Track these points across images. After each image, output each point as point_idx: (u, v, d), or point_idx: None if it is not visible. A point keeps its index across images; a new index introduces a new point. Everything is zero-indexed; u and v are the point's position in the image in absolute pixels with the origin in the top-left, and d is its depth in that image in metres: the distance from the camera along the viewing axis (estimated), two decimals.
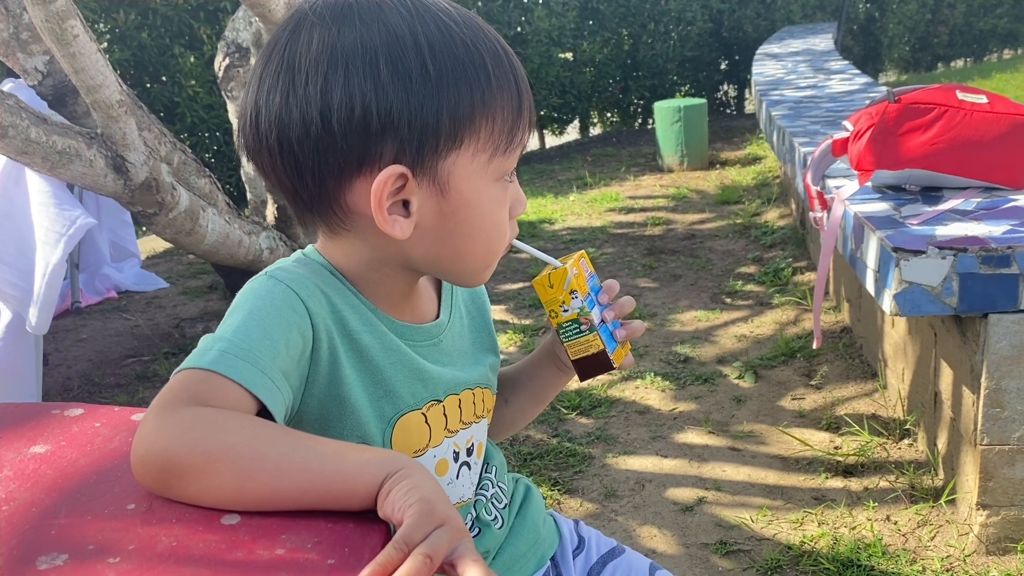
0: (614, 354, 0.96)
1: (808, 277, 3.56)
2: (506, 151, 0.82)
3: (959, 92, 2.02)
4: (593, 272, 0.97)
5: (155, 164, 2.74)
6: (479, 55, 0.78)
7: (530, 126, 0.85)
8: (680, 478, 2.25)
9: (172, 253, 5.15)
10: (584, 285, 0.94)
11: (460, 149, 0.79)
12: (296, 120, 0.76)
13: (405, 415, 0.86)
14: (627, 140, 7.65)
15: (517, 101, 0.82)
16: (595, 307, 0.95)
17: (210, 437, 0.65)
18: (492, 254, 0.86)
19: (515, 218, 0.88)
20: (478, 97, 0.78)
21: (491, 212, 0.83)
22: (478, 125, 0.79)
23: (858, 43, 9.57)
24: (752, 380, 2.76)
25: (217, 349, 0.72)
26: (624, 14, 7.85)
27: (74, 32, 2.27)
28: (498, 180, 0.83)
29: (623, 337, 0.98)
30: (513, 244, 0.90)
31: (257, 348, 0.73)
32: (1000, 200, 1.98)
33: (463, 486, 0.94)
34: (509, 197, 0.85)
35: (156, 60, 5.27)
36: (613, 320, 0.97)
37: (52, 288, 2.60)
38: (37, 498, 0.68)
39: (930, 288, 1.71)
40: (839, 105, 3.62)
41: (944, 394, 2.01)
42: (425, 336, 0.90)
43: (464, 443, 0.94)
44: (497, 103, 0.80)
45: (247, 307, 0.77)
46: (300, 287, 0.80)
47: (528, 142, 0.87)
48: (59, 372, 3.35)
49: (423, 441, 0.88)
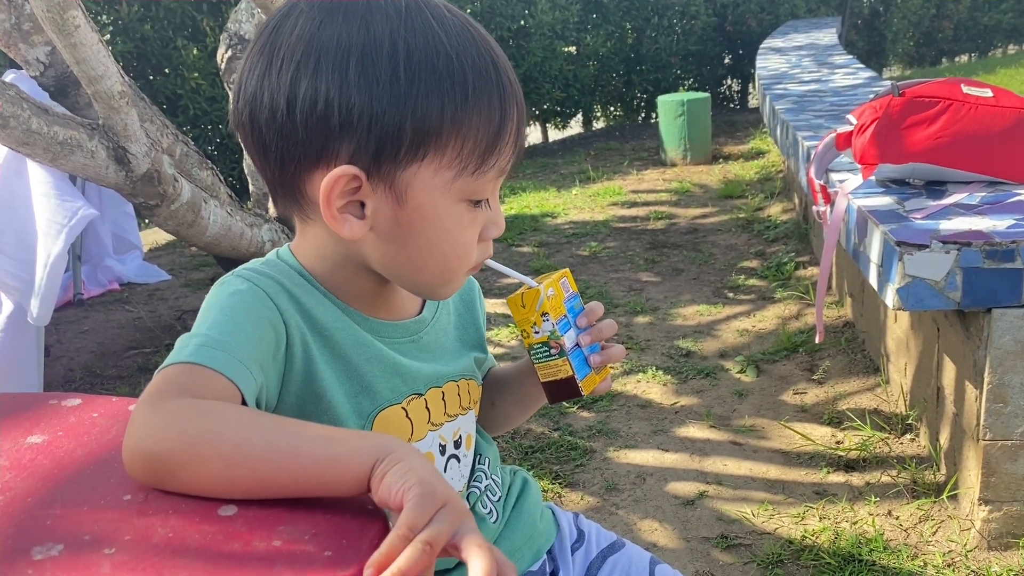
0: (584, 380, 0.92)
1: (811, 272, 3.56)
2: (475, 173, 0.79)
3: (964, 86, 2.01)
4: (576, 292, 0.94)
5: (157, 156, 2.73)
6: (460, 70, 0.76)
7: (513, 152, 0.82)
8: (681, 472, 2.25)
9: (174, 245, 5.15)
10: (559, 307, 0.91)
11: (422, 162, 0.77)
12: (265, 103, 0.77)
13: (384, 410, 0.85)
14: (630, 134, 7.63)
15: (497, 124, 0.78)
16: (570, 330, 0.91)
17: (198, 427, 0.65)
18: (449, 272, 0.83)
19: (488, 240, 0.85)
20: (448, 113, 0.76)
21: (451, 231, 0.80)
22: (445, 141, 0.76)
23: (862, 38, 9.53)
24: (754, 374, 2.75)
25: (195, 344, 0.73)
26: (628, 8, 7.82)
27: (75, 22, 2.26)
28: (463, 200, 0.80)
29: (598, 363, 0.94)
30: (486, 264, 0.88)
31: (232, 340, 0.74)
32: (1005, 194, 1.97)
33: (452, 479, 0.93)
34: (480, 219, 0.82)
35: (159, 52, 5.26)
36: (591, 344, 0.93)
37: (53, 279, 2.60)
38: (33, 488, 0.67)
39: (933, 282, 1.70)
40: (843, 99, 3.61)
41: (946, 389, 2.00)
42: (402, 333, 0.89)
43: (451, 436, 0.93)
44: (470, 122, 0.77)
45: (218, 304, 0.78)
46: (266, 285, 0.81)
47: (507, 167, 0.83)
48: (61, 364, 3.35)
49: (404, 436, 0.87)
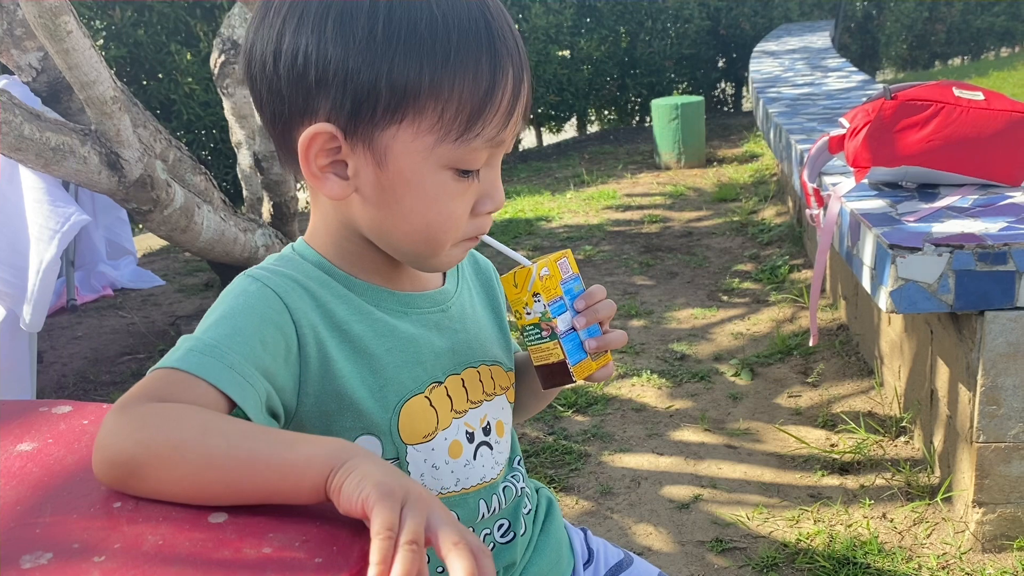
0: (577, 366, 0.88)
1: (805, 274, 3.56)
2: (458, 141, 0.76)
3: (956, 89, 2.01)
4: (576, 274, 0.90)
5: (150, 161, 2.73)
6: (444, 31, 0.73)
7: (506, 122, 0.78)
8: (676, 476, 2.25)
9: (168, 250, 5.14)
10: (554, 288, 0.87)
11: (400, 124, 0.75)
12: (257, 56, 0.77)
13: (409, 400, 0.84)
14: (624, 138, 7.64)
15: (484, 90, 0.75)
16: (564, 313, 0.88)
17: (159, 434, 0.65)
18: (435, 242, 0.81)
19: (483, 214, 0.82)
20: (427, 74, 0.73)
21: (435, 199, 0.78)
22: (423, 104, 0.74)
23: (855, 41, 9.57)
24: (748, 378, 2.75)
25: (184, 348, 0.73)
26: (622, 11, 7.84)
27: (67, 28, 2.26)
28: (447, 168, 0.77)
29: (594, 348, 0.89)
30: (482, 239, 0.86)
31: (226, 344, 0.73)
32: (997, 197, 1.98)
33: (484, 467, 0.91)
34: (472, 191, 0.80)
35: (152, 57, 5.25)
36: (588, 328, 0.89)
37: (46, 286, 2.59)
38: (22, 496, 0.67)
39: (926, 285, 1.70)
40: (836, 102, 3.62)
41: (940, 391, 2.01)
42: (430, 303, 0.89)
43: (478, 423, 0.91)
44: (451, 86, 0.74)
45: (222, 307, 0.78)
46: (278, 285, 0.79)
47: (507, 139, 0.80)
48: (54, 370, 3.34)
49: (431, 425, 0.86)
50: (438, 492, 0.87)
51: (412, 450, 0.85)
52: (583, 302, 0.89)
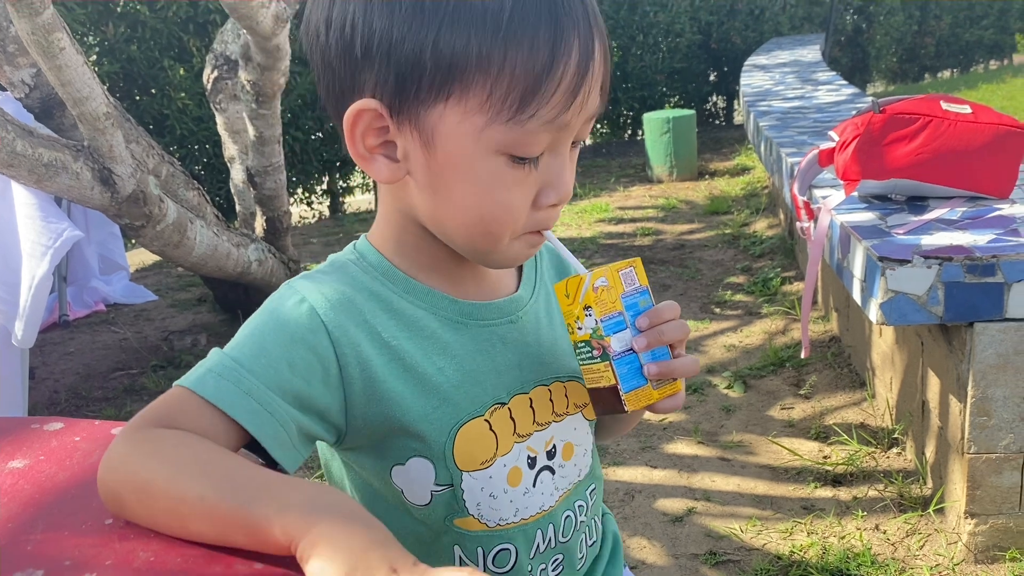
0: (632, 393, 0.74)
1: (797, 287, 3.57)
2: (510, 122, 0.68)
3: (943, 102, 2.03)
4: (644, 287, 0.76)
5: (142, 176, 2.73)
6: (516, 6, 0.66)
7: (568, 101, 0.68)
8: (670, 488, 2.25)
9: (161, 265, 5.14)
10: (612, 301, 0.74)
11: (447, 102, 0.68)
12: (312, 27, 0.73)
13: (466, 424, 0.78)
14: (617, 151, 7.67)
15: (542, 65, 0.67)
16: (623, 331, 0.75)
17: (144, 468, 0.64)
18: (491, 236, 0.73)
19: (546, 207, 0.74)
20: (475, 47, 0.66)
21: (489, 189, 0.71)
22: (471, 80, 0.67)
23: (846, 54, 9.64)
24: (741, 390, 2.76)
25: (206, 366, 0.70)
26: (613, 26, 7.89)
27: (60, 45, 2.27)
28: (501, 153, 0.70)
29: (654, 374, 0.74)
30: (545, 236, 0.76)
31: (248, 366, 0.70)
32: (985, 209, 1.99)
33: (544, 494, 0.83)
34: (533, 179, 0.72)
35: (145, 73, 5.26)
36: (648, 350, 0.75)
37: (38, 302, 2.59)
38: (14, 513, 0.67)
39: (916, 297, 1.71)
40: (826, 116, 3.64)
41: (931, 403, 2.01)
42: (497, 313, 0.80)
43: (542, 447, 0.83)
44: (501, 60, 0.66)
45: (255, 321, 0.74)
46: (318, 299, 0.74)
47: (574, 122, 0.71)
48: (46, 386, 3.33)
49: (490, 451, 0.79)
50: (495, 524, 0.81)
51: (468, 477, 0.78)
52: (647, 320, 0.75)
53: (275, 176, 3.42)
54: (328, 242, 5.26)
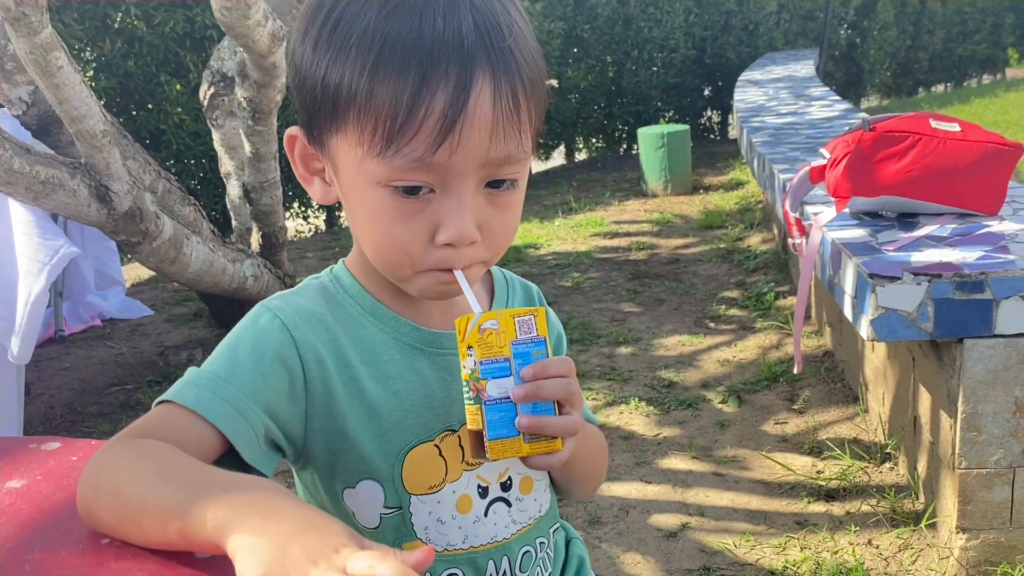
0: (496, 443, 0.72)
1: (791, 301, 3.59)
2: (378, 157, 0.69)
3: (932, 120, 2.06)
4: (540, 337, 0.74)
5: (139, 193, 2.75)
6: (371, 38, 0.68)
7: (437, 141, 0.68)
8: (664, 504, 2.26)
9: (157, 281, 5.14)
10: (501, 346, 0.73)
11: (339, 134, 0.72)
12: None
13: (415, 448, 0.80)
14: (612, 165, 7.70)
15: (406, 104, 0.67)
16: (505, 377, 0.73)
17: (106, 478, 0.67)
18: (392, 264, 0.75)
19: (442, 245, 0.73)
20: (347, 83, 0.69)
21: (377, 218, 0.73)
22: (348, 114, 0.70)
23: (840, 69, 9.70)
24: (735, 405, 2.77)
25: (184, 380, 0.75)
26: (608, 42, 7.93)
27: (58, 63, 2.28)
28: (381, 185, 0.71)
29: (524, 426, 0.72)
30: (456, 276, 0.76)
31: (224, 377, 0.74)
32: (974, 226, 2.01)
33: (497, 525, 0.84)
34: (427, 214, 0.72)
35: (142, 88, 5.28)
36: (526, 402, 0.72)
37: (34, 318, 2.59)
38: (12, 533, 0.68)
39: (906, 313, 1.73)
40: (819, 132, 3.67)
41: (923, 418, 2.03)
42: (455, 343, 0.78)
43: (495, 477, 0.84)
44: (367, 96, 0.68)
45: (231, 338, 0.78)
46: (288, 316, 0.78)
47: (456, 164, 0.69)
48: (42, 401, 3.32)
49: (438, 476, 0.81)
50: (443, 548, 0.82)
51: (416, 500, 0.81)
52: (532, 371, 0.72)
53: (271, 192, 3.44)
54: (324, 256, 5.27)
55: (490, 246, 0.76)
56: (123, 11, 5.12)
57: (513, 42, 0.70)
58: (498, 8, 0.71)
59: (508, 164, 0.73)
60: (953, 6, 10.85)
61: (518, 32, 0.72)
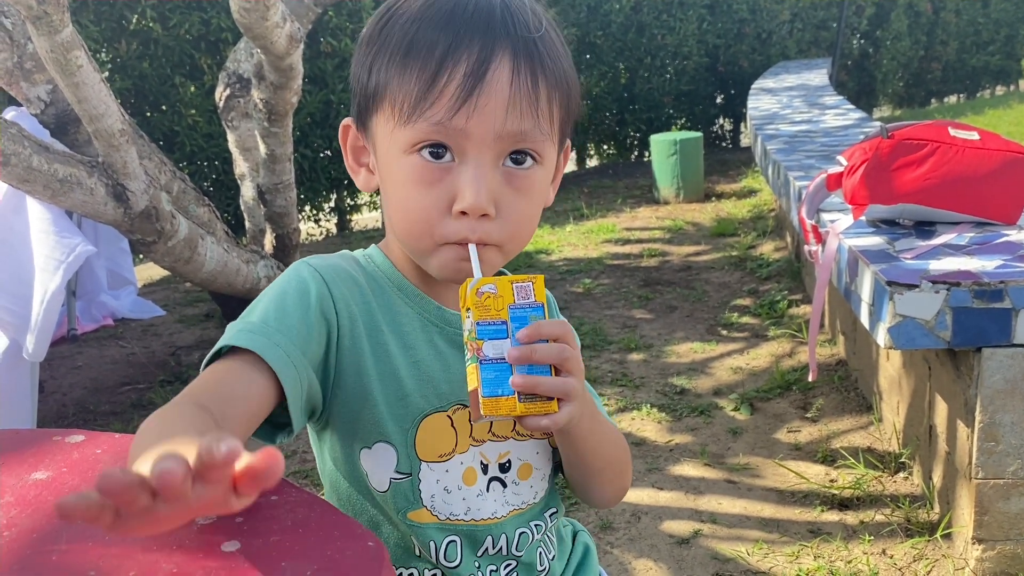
0: (491, 400, 0.73)
1: (803, 310, 3.58)
2: (407, 124, 0.78)
3: (951, 128, 2.05)
4: (538, 303, 0.77)
5: (155, 193, 2.76)
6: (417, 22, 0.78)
7: (457, 105, 0.75)
8: (676, 510, 2.25)
9: (169, 281, 5.16)
10: (499, 309, 0.76)
11: (378, 114, 0.82)
12: None
13: (429, 416, 0.85)
14: (624, 172, 7.70)
15: (432, 72, 0.76)
16: (502, 339, 0.75)
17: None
18: (412, 237, 0.81)
19: (459, 212, 0.78)
20: (387, 64, 0.80)
21: (404, 184, 0.80)
22: (385, 93, 0.80)
23: (852, 78, 9.67)
24: (748, 412, 2.76)
25: (235, 329, 0.77)
26: (621, 48, 7.93)
27: (78, 63, 2.30)
28: (409, 152, 0.79)
29: (518, 384, 0.73)
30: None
31: (276, 326, 0.77)
32: (993, 235, 2.00)
33: (494, 502, 0.89)
34: (446, 183, 0.78)
35: (157, 89, 5.31)
36: (520, 364, 0.74)
37: (50, 315, 2.60)
38: (38, 524, 0.68)
39: (924, 322, 1.72)
40: (833, 140, 3.66)
41: (939, 427, 2.01)
42: None
43: (494, 457, 0.88)
44: (402, 73, 0.78)
45: (271, 290, 0.81)
46: (328, 272, 0.83)
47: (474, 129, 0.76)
48: (54, 399, 3.34)
49: (449, 446, 0.86)
50: (446, 517, 0.87)
51: (426, 467, 0.85)
52: (526, 334, 0.75)
53: (285, 193, 3.45)
54: None
55: (505, 228, 0.80)
56: (139, 13, 5.14)
57: (539, 38, 0.79)
58: (528, 10, 0.80)
59: (524, 140, 0.79)
60: (967, 17, 10.81)
61: (547, 36, 0.80)
